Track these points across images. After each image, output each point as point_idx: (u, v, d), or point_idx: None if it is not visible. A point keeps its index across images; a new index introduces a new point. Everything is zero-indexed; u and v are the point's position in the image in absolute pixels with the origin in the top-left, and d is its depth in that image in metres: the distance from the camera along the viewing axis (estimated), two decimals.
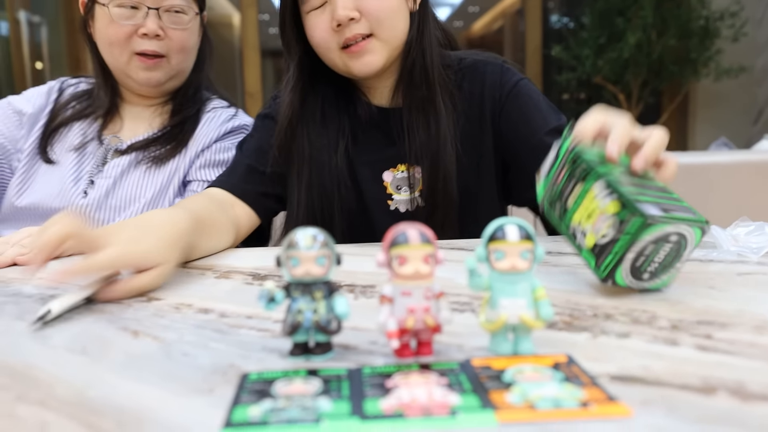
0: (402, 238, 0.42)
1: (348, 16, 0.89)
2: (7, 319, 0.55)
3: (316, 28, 0.93)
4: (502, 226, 0.42)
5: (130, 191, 1.10)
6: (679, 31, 3.81)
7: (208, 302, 0.59)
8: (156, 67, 1.11)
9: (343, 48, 0.92)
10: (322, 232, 0.43)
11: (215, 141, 1.17)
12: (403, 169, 1.00)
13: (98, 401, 0.38)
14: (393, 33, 0.94)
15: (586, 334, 0.47)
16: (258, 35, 4.38)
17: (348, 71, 0.95)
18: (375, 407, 0.35)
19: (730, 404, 0.34)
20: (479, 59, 1.02)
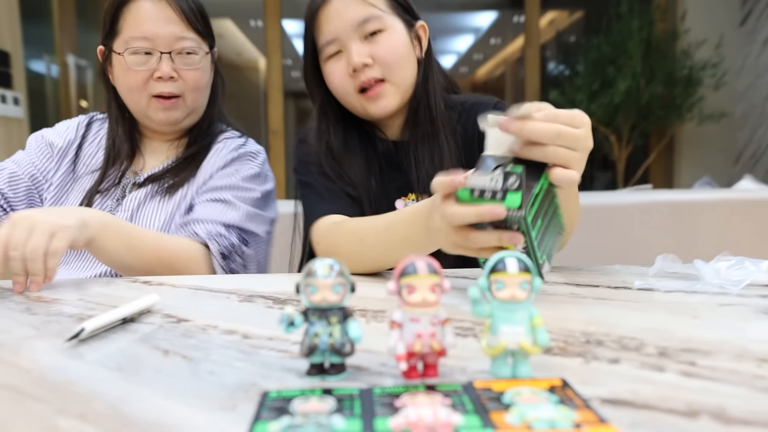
0: (411, 268, 0.42)
1: (362, 62, 0.93)
2: (50, 337, 0.56)
3: (334, 74, 0.96)
4: (502, 258, 0.42)
5: (144, 222, 1.09)
6: (666, 79, 3.83)
7: (233, 324, 0.59)
8: (173, 107, 1.11)
9: (360, 92, 0.95)
10: (338, 262, 0.44)
11: (221, 168, 1.13)
12: (413, 198, 1.01)
13: (132, 415, 0.38)
14: (402, 77, 0.97)
15: (579, 360, 0.47)
16: (281, 78, 4.44)
17: (366, 113, 0.98)
18: (384, 425, 0.35)
19: (712, 428, 0.34)
20: (477, 101, 1.05)
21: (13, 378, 0.45)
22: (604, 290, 0.70)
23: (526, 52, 4.49)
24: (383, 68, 0.94)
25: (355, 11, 0.93)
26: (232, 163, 1.15)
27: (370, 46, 0.94)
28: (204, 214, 1.06)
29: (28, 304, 0.70)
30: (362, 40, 0.94)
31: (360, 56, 0.93)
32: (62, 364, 0.48)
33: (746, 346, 0.48)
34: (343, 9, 0.94)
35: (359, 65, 0.93)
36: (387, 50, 0.94)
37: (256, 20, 5.82)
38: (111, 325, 0.58)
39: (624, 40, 3.83)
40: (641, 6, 4.01)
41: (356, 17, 0.93)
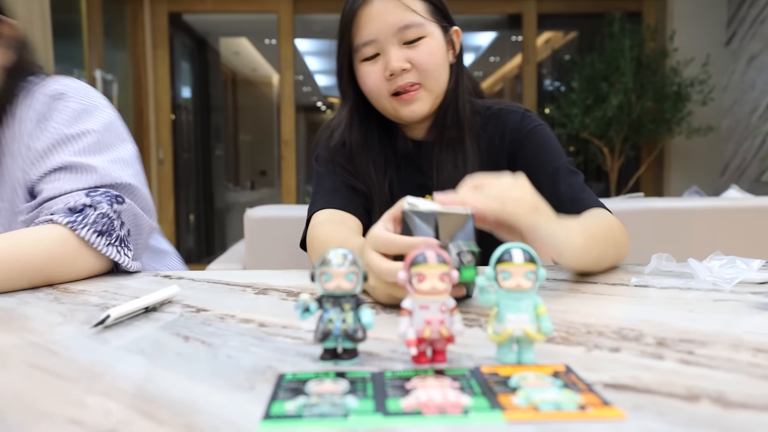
0: (421, 258, 0.42)
1: (401, 67, 0.90)
2: (77, 324, 0.56)
3: (369, 76, 0.93)
4: (509, 249, 0.42)
5: None
6: (656, 95, 3.82)
7: (249, 314, 0.59)
8: None
9: (393, 95, 0.93)
10: (351, 252, 0.43)
11: (36, 125, 0.86)
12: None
13: (155, 394, 0.37)
14: (438, 84, 0.94)
15: (581, 348, 0.46)
16: (293, 92, 4.45)
17: (397, 116, 0.95)
18: (396, 405, 0.35)
19: (712, 411, 0.33)
20: (503, 107, 1.01)
21: (42, 359, 0.45)
22: (603, 286, 0.70)
23: (523, 69, 4.49)
24: (420, 74, 0.92)
25: (396, 16, 0.89)
26: (48, 113, 0.87)
27: (409, 52, 0.91)
28: (51, 193, 0.82)
29: (56, 294, 0.69)
30: (401, 45, 0.91)
31: (398, 61, 0.89)
32: (89, 347, 0.48)
33: (741, 337, 0.48)
34: (385, 12, 0.89)
35: (398, 70, 0.90)
36: (426, 57, 0.91)
37: (270, 39, 5.85)
38: (134, 313, 0.58)
39: (616, 58, 3.83)
40: (632, 26, 4.01)
41: (397, 22, 0.89)
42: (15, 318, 0.58)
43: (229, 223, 6.14)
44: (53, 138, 0.84)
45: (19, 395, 0.37)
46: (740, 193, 2.32)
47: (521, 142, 0.97)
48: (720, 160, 4.13)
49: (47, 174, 0.83)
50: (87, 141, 0.86)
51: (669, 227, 1.73)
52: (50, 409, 0.35)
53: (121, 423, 0.33)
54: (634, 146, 4.12)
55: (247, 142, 7.20)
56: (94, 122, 0.88)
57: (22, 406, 0.36)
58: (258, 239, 1.70)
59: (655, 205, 1.75)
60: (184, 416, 0.34)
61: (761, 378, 0.39)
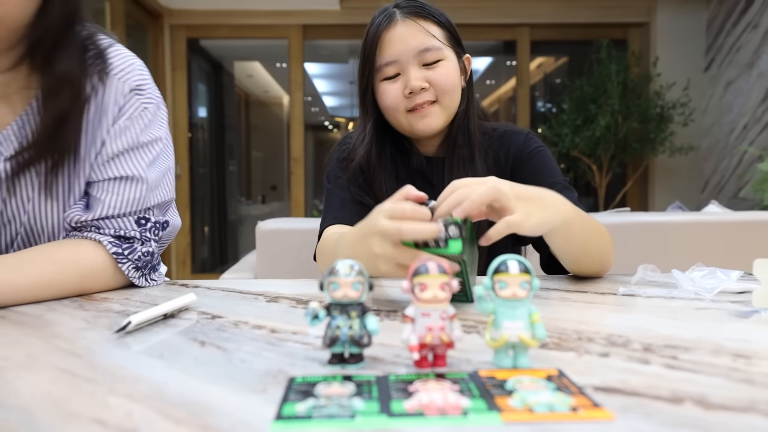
0: (423, 268, 0.42)
1: (420, 86, 0.92)
2: (99, 329, 0.56)
3: (389, 93, 0.94)
4: (505, 260, 0.42)
5: (34, 225, 0.78)
6: (640, 116, 3.83)
7: (261, 321, 0.59)
8: None
9: (408, 111, 0.94)
10: (357, 263, 0.44)
11: (116, 119, 0.79)
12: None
13: (173, 395, 0.37)
14: (452, 102, 0.96)
15: (572, 353, 0.46)
16: (303, 113, 4.47)
17: (411, 130, 0.96)
18: (400, 407, 0.35)
19: (695, 412, 0.33)
20: (509, 129, 1.03)
21: (68, 363, 0.45)
22: (592, 295, 0.70)
23: (517, 91, 4.51)
24: (438, 92, 0.94)
25: (417, 39, 0.92)
26: (129, 110, 0.80)
27: (427, 72, 0.93)
28: (106, 210, 0.77)
29: (81, 302, 0.69)
30: (420, 67, 0.93)
31: (418, 80, 0.91)
32: (111, 352, 0.48)
33: (722, 344, 0.47)
34: (407, 35, 0.92)
35: (417, 89, 0.92)
36: (443, 78, 0.93)
37: (281, 63, 5.89)
38: (154, 319, 0.58)
39: (603, 82, 3.84)
40: (618, 53, 4.03)
41: (418, 45, 0.92)
42: (43, 324, 0.58)
43: (242, 235, 6.14)
44: (128, 143, 0.79)
45: (47, 396, 0.37)
46: (719, 209, 2.32)
47: (523, 160, 0.99)
48: (700, 178, 4.14)
49: (110, 180, 0.78)
50: (154, 151, 0.82)
51: (654, 240, 1.72)
52: (76, 409, 0.35)
53: (142, 422, 0.33)
54: (621, 164, 4.13)
55: (258, 158, 7.22)
56: (162, 125, 0.85)
57: (50, 406, 0.36)
58: (269, 250, 1.70)
59: (640, 219, 1.75)
60: (200, 416, 0.34)
61: (740, 381, 0.38)
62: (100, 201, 0.78)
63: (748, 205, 3.44)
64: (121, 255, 0.77)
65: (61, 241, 0.77)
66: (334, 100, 8.74)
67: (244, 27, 4.35)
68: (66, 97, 0.72)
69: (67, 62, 0.72)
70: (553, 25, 4.38)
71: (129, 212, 0.79)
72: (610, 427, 0.32)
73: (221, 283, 0.81)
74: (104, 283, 0.76)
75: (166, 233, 0.85)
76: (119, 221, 0.79)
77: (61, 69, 0.72)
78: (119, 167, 0.79)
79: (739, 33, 3.71)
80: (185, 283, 0.83)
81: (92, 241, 0.77)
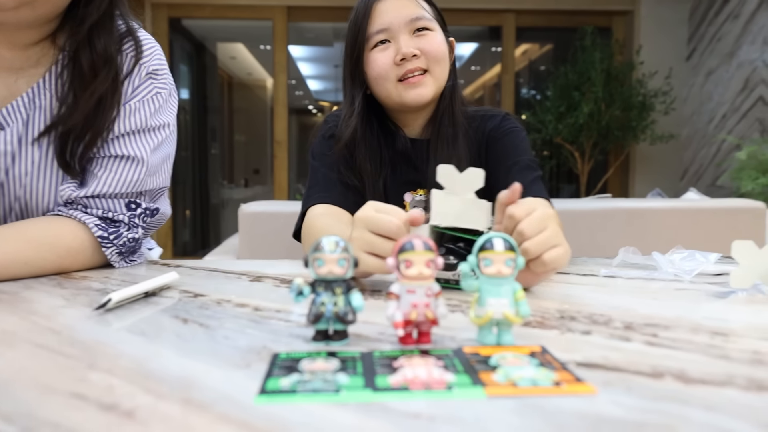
0: (409, 245, 0.42)
1: (412, 52, 0.92)
2: (79, 307, 0.55)
3: (378, 61, 0.94)
4: (490, 238, 0.42)
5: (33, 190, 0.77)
6: (623, 104, 3.86)
7: (244, 299, 0.58)
8: None
9: (399, 81, 0.94)
10: (343, 239, 0.43)
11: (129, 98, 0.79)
12: (422, 193, 1.00)
13: (155, 371, 0.37)
14: (442, 73, 0.97)
15: (555, 331, 0.46)
16: (287, 96, 4.43)
17: (400, 101, 0.95)
18: (384, 382, 0.35)
19: (675, 386, 0.34)
20: (487, 111, 1.05)
21: (45, 338, 0.44)
22: (574, 277, 0.70)
23: (502, 78, 4.51)
24: (428, 61, 0.94)
25: (408, 9, 0.94)
26: (142, 92, 0.80)
27: (418, 40, 0.94)
28: (100, 188, 0.76)
29: (59, 280, 0.68)
30: (411, 35, 0.94)
31: (408, 47, 0.92)
32: (91, 328, 0.47)
33: (700, 322, 0.48)
34: (399, 6, 0.94)
35: (409, 54, 0.92)
36: (433, 46, 0.94)
37: (265, 45, 5.80)
38: (135, 297, 0.57)
39: (588, 70, 3.86)
40: (602, 41, 4.05)
41: (409, 14, 0.94)
42: (19, 301, 0.57)
43: (224, 218, 6.09)
44: (137, 125, 0.79)
45: (24, 371, 0.37)
46: (698, 196, 2.36)
47: (496, 138, 1.00)
48: (680, 165, 4.19)
49: (111, 158, 0.77)
50: (160, 137, 0.82)
51: (634, 225, 1.75)
52: (54, 384, 0.35)
53: (123, 397, 0.33)
54: (603, 151, 4.17)
55: (241, 141, 7.14)
56: (171, 112, 0.85)
57: (28, 381, 0.35)
58: (251, 232, 1.69)
59: (622, 205, 1.77)
60: (183, 391, 0.34)
61: (718, 357, 0.39)
62: (96, 177, 0.77)
63: (725, 193, 3.51)
64: (106, 239, 0.76)
65: (41, 218, 0.76)
66: (318, 83, 8.66)
67: (228, 7, 4.28)
68: (106, 78, 0.74)
69: (107, 42, 0.75)
70: (539, 12, 4.38)
71: (122, 193, 0.78)
72: (592, 400, 0.32)
73: (204, 263, 0.80)
74: (82, 262, 0.75)
75: (153, 220, 0.83)
76: (109, 202, 0.77)
77: (101, 48, 0.74)
78: (123, 146, 0.78)
79: (720, 23, 3.74)
80: (167, 263, 0.82)
81: (74, 220, 0.75)
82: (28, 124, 0.75)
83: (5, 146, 0.74)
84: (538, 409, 0.31)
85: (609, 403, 0.31)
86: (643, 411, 0.30)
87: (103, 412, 0.31)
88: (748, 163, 3.04)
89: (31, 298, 0.58)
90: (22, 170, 0.75)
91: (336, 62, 7.41)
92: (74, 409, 0.31)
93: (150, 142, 0.80)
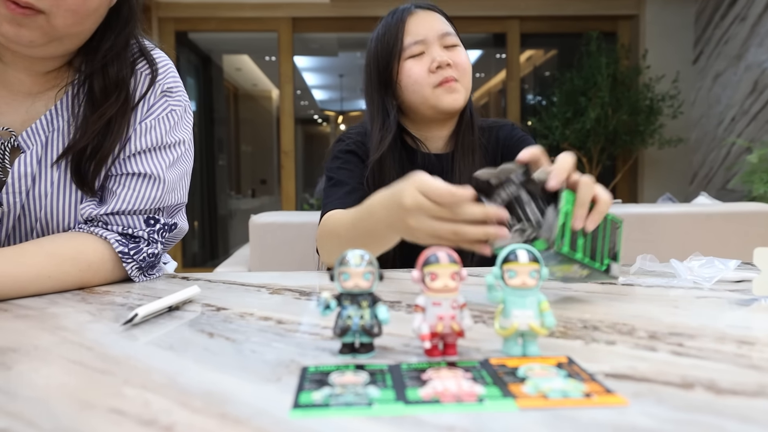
0: (433, 258, 0.42)
1: (446, 61, 0.98)
2: (106, 321, 0.55)
3: (414, 69, 1.00)
4: (514, 250, 0.42)
5: (51, 210, 0.77)
6: (630, 109, 3.86)
7: (267, 312, 0.59)
8: (25, 23, 0.66)
9: (435, 87, 0.99)
10: (367, 253, 0.44)
11: (144, 116, 0.80)
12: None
13: (188, 386, 0.38)
14: (469, 84, 1.03)
15: (579, 342, 0.46)
16: (293, 106, 4.45)
17: (437, 104, 0.99)
18: (415, 394, 0.35)
19: (706, 397, 0.34)
20: (495, 122, 1.10)
21: (78, 354, 0.44)
22: (593, 285, 0.70)
23: (507, 84, 4.52)
24: (459, 72, 1.00)
25: (439, 24, 1.01)
26: (157, 110, 0.81)
27: (449, 53, 1.00)
28: (120, 206, 0.77)
29: (83, 295, 0.69)
30: (441, 48, 1.00)
31: (443, 56, 0.98)
32: (120, 343, 0.48)
33: (725, 331, 0.48)
34: (430, 20, 1.01)
35: (444, 63, 0.97)
36: (462, 59, 1.01)
37: (270, 56, 5.85)
38: (159, 312, 0.58)
39: (593, 75, 3.86)
40: (608, 45, 4.05)
41: (440, 29, 1.00)
42: (47, 317, 0.58)
43: (232, 229, 6.12)
44: (153, 143, 0.80)
45: (62, 387, 0.37)
46: (709, 200, 2.35)
47: (512, 147, 1.04)
48: (689, 169, 4.18)
49: (129, 175, 0.79)
50: (176, 153, 0.83)
51: (646, 231, 1.74)
52: (92, 400, 0.35)
53: (160, 413, 0.33)
54: (611, 156, 4.16)
55: (248, 152, 7.19)
56: (186, 129, 0.86)
57: (66, 397, 0.36)
58: (262, 243, 1.69)
59: (632, 211, 1.76)
60: (218, 406, 0.34)
61: (747, 367, 0.39)
62: (115, 194, 0.78)
63: (736, 197, 3.49)
64: (127, 255, 0.77)
65: (62, 234, 0.77)
66: (323, 93, 8.70)
67: (233, 20, 4.32)
68: (116, 101, 0.76)
69: (120, 68, 0.77)
70: (543, 18, 4.39)
71: (141, 210, 0.79)
72: (624, 412, 0.32)
73: (222, 276, 0.81)
74: (103, 277, 0.76)
75: (171, 235, 0.85)
76: (129, 218, 0.79)
77: (114, 74, 0.76)
78: (140, 164, 0.79)
79: (727, 25, 3.74)
80: (185, 276, 0.83)
81: (95, 236, 0.76)
82: (47, 146, 0.77)
83: (25, 168, 0.75)
84: (571, 421, 0.31)
85: (641, 415, 0.32)
86: (676, 423, 0.31)
87: (143, 428, 0.31)
88: (759, 166, 3.03)
89: (58, 314, 0.59)
90: (43, 191, 0.77)
91: (341, 71, 7.45)
92: (114, 424, 0.32)
93: (166, 159, 0.81)
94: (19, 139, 0.75)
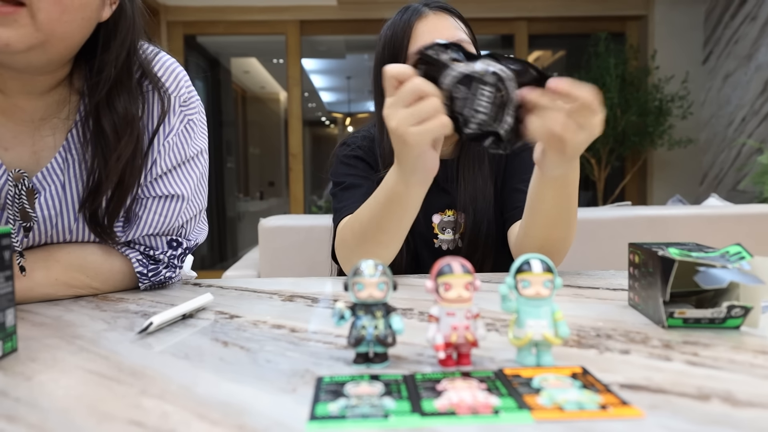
0: (447, 268, 0.42)
1: None
2: (121, 330, 0.56)
3: None
4: (528, 260, 0.43)
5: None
6: (639, 109, 3.84)
7: (280, 320, 0.59)
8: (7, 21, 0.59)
9: None
10: (381, 263, 0.44)
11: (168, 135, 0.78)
12: (450, 214, 1.01)
13: (204, 396, 0.38)
14: None
15: (593, 351, 0.46)
16: (301, 108, 4.47)
17: None
18: (431, 406, 0.35)
19: (723, 409, 0.34)
20: None
21: (95, 364, 0.45)
22: (604, 291, 0.70)
23: None
24: None
25: (449, 30, 0.96)
26: (177, 124, 0.80)
27: None
28: (144, 229, 0.78)
29: (97, 302, 0.70)
30: None
31: None
32: (136, 352, 0.48)
33: (740, 340, 0.48)
34: (440, 26, 0.96)
35: None
36: None
37: (278, 59, 5.87)
38: (173, 320, 0.58)
39: (602, 76, 3.85)
40: (616, 46, 4.04)
41: (451, 36, 0.95)
42: (63, 325, 0.58)
43: (240, 231, 6.14)
44: (176, 160, 0.79)
45: (81, 399, 0.38)
46: (720, 201, 2.33)
47: (514, 152, 1.01)
48: (699, 170, 4.15)
49: (154, 198, 0.78)
50: (199, 165, 0.83)
51: (656, 233, 1.73)
52: (111, 411, 0.36)
53: (180, 424, 0.34)
54: (620, 157, 4.14)
55: (255, 154, 7.21)
56: (203, 134, 0.85)
57: (86, 409, 0.36)
58: (271, 246, 1.70)
59: (642, 213, 1.75)
60: (235, 417, 0.34)
61: (764, 378, 0.39)
62: (141, 219, 0.77)
63: (746, 198, 3.46)
64: (144, 276, 0.77)
65: (77, 243, 0.77)
66: (330, 95, 8.72)
67: (241, 23, 4.34)
68: (129, 142, 0.72)
69: (127, 102, 0.72)
70: (551, 19, 4.38)
71: (165, 231, 0.79)
72: (640, 424, 0.32)
73: (234, 282, 0.81)
74: (113, 287, 0.77)
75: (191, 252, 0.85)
76: (153, 239, 0.79)
77: (122, 109, 0.72)
78: (166, 186, 0.78)
79: (737, 25, 3.71)
80: (198, 283, 0.83)
81: (117, 252, 0.78)
82: (65, 187, 0.74)
83: (41, 211, 0.73)
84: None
85: (658, 427, 0.32)
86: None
87: None
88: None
89: (74, 322, 0.59)
90: (64, 234, 0.76)
91: (348, 74, 7.46)
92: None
93: (190, 175, 0.81)
94: (33, 180, 0.72)
